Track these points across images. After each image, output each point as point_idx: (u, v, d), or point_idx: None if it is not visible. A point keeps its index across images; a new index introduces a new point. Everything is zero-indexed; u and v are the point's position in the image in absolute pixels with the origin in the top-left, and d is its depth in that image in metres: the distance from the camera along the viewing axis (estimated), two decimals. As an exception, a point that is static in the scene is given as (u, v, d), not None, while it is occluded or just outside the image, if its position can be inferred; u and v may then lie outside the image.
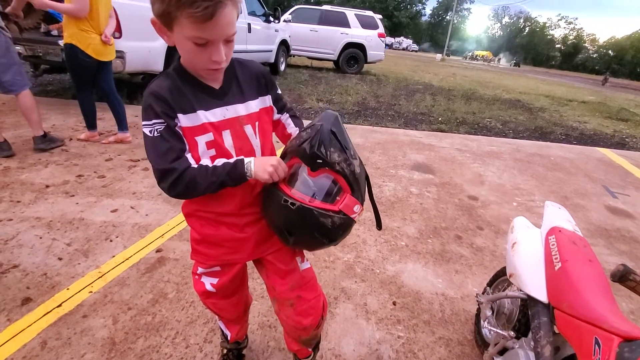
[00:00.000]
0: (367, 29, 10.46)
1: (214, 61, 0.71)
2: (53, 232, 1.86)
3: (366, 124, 4.88)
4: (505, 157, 4.06)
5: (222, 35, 0.69)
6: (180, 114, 0.75)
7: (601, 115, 8.03)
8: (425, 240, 2.16)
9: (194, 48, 0.69)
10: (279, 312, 1.02)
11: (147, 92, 0.74)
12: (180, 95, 0.75)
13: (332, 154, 0.76)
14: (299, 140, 0.79)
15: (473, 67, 27.57)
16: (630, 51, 67.63)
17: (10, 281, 1.50)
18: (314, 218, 0.77)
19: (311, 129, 0.78)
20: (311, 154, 0.76)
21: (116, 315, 1.39)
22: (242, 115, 0.83)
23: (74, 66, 2.88)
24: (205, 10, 0.63)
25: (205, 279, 0.98)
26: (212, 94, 0.79)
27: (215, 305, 1.05)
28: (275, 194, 0.80)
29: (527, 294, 1.03)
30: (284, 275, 0.96)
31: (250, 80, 0.86)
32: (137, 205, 2.20)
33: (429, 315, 1.57)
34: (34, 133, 2.80)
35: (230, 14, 0.67)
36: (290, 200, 0.77)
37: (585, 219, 2.69)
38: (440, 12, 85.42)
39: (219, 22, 0.65)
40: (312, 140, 0.75)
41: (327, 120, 0.78)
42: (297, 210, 0.76)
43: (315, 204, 0.78)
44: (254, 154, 0.84)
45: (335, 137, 0.77)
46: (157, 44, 4.03)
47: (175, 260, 1.74)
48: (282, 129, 0.98)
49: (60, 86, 5.28)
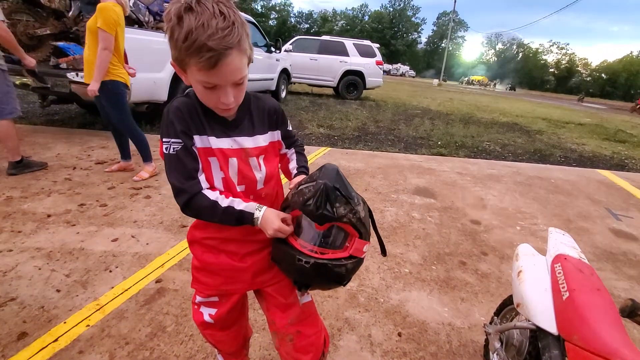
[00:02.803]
0: (365, 57, 10.83)
1: (223, 102, 0.74)
2: (52, 263, 1.84)
3: (366, 149, 4.93)
4: (506, 180, 4.07)
5: (228, 81, 0.72)
6: (195, 135, 0.78)
7: (599, 137, 8.11)
8: (429, 267, 2.12)
9: (204, 90, 0.73)
10: (279, 347, 0.99)
11: (169, 110, 0.78)
12: (197, 116, 0.79)
13: (338, 209, 0.77)
14: (302, 198, 0.78)
15: (470, 92, 28.19)
16: (623, 74, 69.33)
17: (7, 315, 1.47)
18: (328, 270, 0.79)
19: (314, 187, 0.77)
20: (318, 215, 0.76)
21: (113, 350, 1.35)
22: (249, 147, 0.84)
23: (119, 100, 2.87)
24: (209, 60, 0.66)
25: (203, 309, 0.98)
26: (223, 124, 0.82)
27: (213, 337, 1.03)
28: (288, 253, 0.81)
29: (535, 324, 1.00)
30: (283, 309, 0.95)
31: (262, 115, 0.88)
32: (138, 234, 2.19)
33: (435, 347, 1.52)
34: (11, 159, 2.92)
35: (235, 61, 0.70)
36: (305, 259, 0.78)
37: (591, 243, 2.65)
38: (436, 40, 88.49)
39: (223, 69, 0.69)
40: (317, 201, 0.75)
41: (330, 177, 0.78)
42: (312, 266, 0.78)
43: (328, 256, 0.79)
44: (256, 185, 0.87)
45: (339, 192, 0.77)
46: (162, 74, 4.17)
47: (175, 290, 1.71)
48: (285, 162, 1.01)
49: (66, 115, 5.40)
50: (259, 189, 0.87)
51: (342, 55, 10.72)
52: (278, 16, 75.78)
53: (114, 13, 2.67)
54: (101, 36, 2.64)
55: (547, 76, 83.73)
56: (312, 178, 0.81)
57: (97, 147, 3.87)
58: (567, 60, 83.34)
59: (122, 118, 2.95)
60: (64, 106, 5.79)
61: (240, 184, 0.84)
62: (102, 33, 2.63)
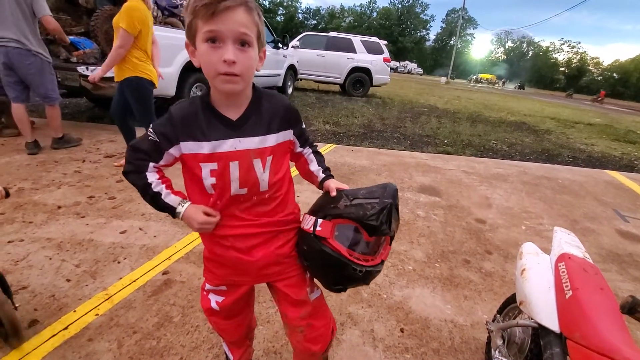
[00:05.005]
0: (373, 54, 10.76)
1: (225, 61, 0.72)
2: (63, 253, 1.88)
3: (372, 146, 4.93)
4: (513, 179, 4.04)
5: (230, 30, 0.72)
6: (185, 141, 0.80)
7: (608, 138, 8.00)
8: (433, 265, 2.13)
9: (207, 50, 0.73)
10: (290, 336, 1.04)
11: (169, 111, 0.82)
12: (194, 121, 0.80)
13: (393, 224, 0.85)
14: (364, 212, 0.83)
15: (478, 90, 27.91)
16: (635, 74, 68.03)
17: (19, 302, 1.50)
18: (373, 276, 0.89)
19: (378, 204, 0.83)
20: (380, 231, 0.82)
21: (121, 339, 1.38)
22: (254, 148, 0.83)
23: (144, 97, 2.91)
24: (212, 0, 0.70)
25: (212, 296, 1.00)
26: (227, 124, 0.81)
27: (217, 325, 1.06)
28: (338, 261, 0.85)
29: (538, 322, 1.01)
30: (295, 305, 0.98)
31: (273, 113, 0.87)
32: (146, 227, 2.22)
33: (438, 343, 1.53)
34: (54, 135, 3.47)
35: (239, 13, 0.72)
36: (358, 268, 0.84)
37: (597, 244, 2.63)
38: (444, 37, 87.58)
39: (226, 16, 0.71)
40: (381, 218, 0.82)
41: (393, 196, 0.85)
42: (364, 274, 0.86)
43: (371, 262, 0.87)
44: (259, 187, 0.85)
45: (397, 210, 0.86)
46: (170, 69, 4.19)
47: (182, 282, 1.74)
48: (303, 164, 1.01)
49: (76, 109, 5.47)
50: (262, 190, 0.86)
51: (350, 52, 10.67)
52: (285, 12, 75.47)
53: (138, 12, 2.71)
54: (120, 34, 2.70)
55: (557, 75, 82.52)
56: (373, 195, 0.86)
57: (105, 141, 3.93)
58: (578, 59, 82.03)
59: (145, 114, 3.01)
60: (74, 100, 5.86)
61: (242, 187, 0.83)
62: (122, 32, 2.69)
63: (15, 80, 3.10)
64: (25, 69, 3.04)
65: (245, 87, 0.80)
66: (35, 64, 3.07)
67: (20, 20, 2.91)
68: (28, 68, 3.05)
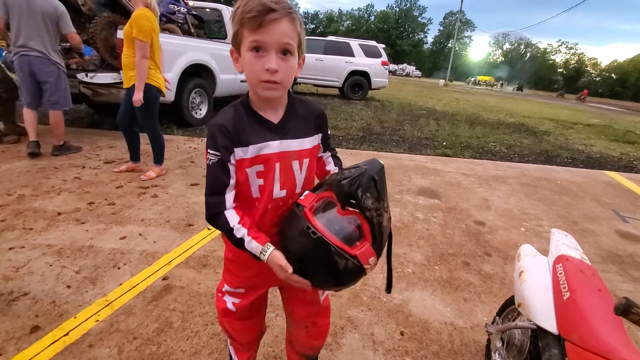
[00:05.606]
0: (371, 58, 10.82)
1: (267, 70, 0.75)
2: (63, 260, 1.88)
3: (371, 149, 4.94)
4: (512, 181, 4.05)
5: (274, 40, 0.74)
6: (237, 147, 0.81)
7: (607, 138, 8.01)
8: (432, 267, 2.13)
9: (252, 58, 0.76)
10: (292, 329, 1.08)
11: (214, 123, 0.82)
12: (240, 127, 0.82)
13: (367, 200, 0.78)
14: (339, 176, 0.81)
15: (476, 92, 28.00)
16: (634, 74, 68.24)
17: (20, 309, 1.52)
18: (329, 254, 0.77)
19: (355, 170, 0.80)
20: (348, 192, 0.78)
21: (121, 345, 1.38)
22: (294, 150, 0.86)
23: (150, 104, 2.93)
24: (259, 13, 0.72)
25: (227, 297, 1.01)
26: (269, 127, 0.84)
27: (230, 325, 1.06)
28: (300, 219, 0.81)
29: (536, 324, 1.01)
30: (305, 304, 1.02)
31: (309, 118, 0.91)
32: (145, 232, 2.23)
33: (437, 346, 1.53)
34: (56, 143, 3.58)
35: (283, 24, 0.75)
36: (312, 229, 0.77)
37: (596, 245, 2.64)
38: (442, 40, 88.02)
39: (271, 27, 0.73)
40: (352, 180, 0.78)
41: (373, 167, 0.80)
42: (316, 240, 0.77)
43: (335, 241, 0.77)
44: (295, 188, 0.88)
45: (375, 184, 0.79)
46: (169, 75, 4.21)
47: (181, 288, 1.75)
48: (321, 165, 1.02)
49: (75, 115, 5.49)
50: (296, 192, 0.89)
51: (348, 56, 10.72)
52: (284, 16, 75.65)
53: (147, 20, 2.74)
54: (138, 45, 2.72)
55: (555, 76, 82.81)
56: (356, 165, 0.83)
57: (105, 147, 3.94)
58: (576, 60, 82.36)
59: (149, 121, 3.04)
60: (74, 106, 5.87)
61: (282, 189, 0.86)
62: (138, 42, 2.71)
63: (34, 89, 3.38)
64: (45, 75, 3.36)
65: (284, 93, 0.84)
66: (53, 72, 3.40)
67: (44, 34, 3.29)
68: (47, 75, 3.37)
